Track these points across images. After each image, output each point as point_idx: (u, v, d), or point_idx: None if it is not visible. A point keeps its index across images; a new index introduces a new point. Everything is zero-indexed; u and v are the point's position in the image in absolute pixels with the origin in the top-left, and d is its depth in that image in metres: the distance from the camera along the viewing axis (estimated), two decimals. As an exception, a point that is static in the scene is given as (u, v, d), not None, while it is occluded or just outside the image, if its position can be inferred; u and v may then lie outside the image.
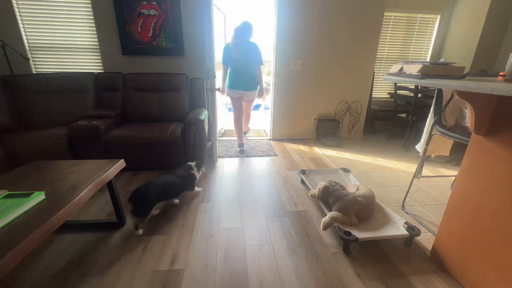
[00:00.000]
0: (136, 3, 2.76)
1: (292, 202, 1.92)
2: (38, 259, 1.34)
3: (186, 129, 2.34)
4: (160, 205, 1.76)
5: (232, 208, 1.83)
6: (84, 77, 2.71)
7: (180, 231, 1.58)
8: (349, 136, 3.66)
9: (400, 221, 1.50)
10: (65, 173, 1.36)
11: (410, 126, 3.12)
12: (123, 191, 2.05)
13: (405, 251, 1.43)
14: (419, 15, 3.57)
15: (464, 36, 3.39)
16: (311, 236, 1.55)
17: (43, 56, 2.92)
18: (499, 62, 3.31)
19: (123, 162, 1.56)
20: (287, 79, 3.26)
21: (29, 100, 2.50)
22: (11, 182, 1.25)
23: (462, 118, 1.72)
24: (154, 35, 2.88)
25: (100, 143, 2.25)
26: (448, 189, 2.14)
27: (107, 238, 1.51)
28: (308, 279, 1.24)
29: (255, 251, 1.42)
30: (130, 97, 2.73)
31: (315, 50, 3.18)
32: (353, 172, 2.44)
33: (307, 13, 3.02)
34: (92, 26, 2.84)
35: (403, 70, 1.34)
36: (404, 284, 1.22)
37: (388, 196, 2.02)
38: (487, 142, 1.11)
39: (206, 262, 1.34)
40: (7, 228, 0.91)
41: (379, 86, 3.89)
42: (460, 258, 1.22)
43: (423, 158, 1.80)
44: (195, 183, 1.93)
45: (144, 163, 2.37)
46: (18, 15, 2.74)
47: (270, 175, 2.38)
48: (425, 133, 2.13)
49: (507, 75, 0.92)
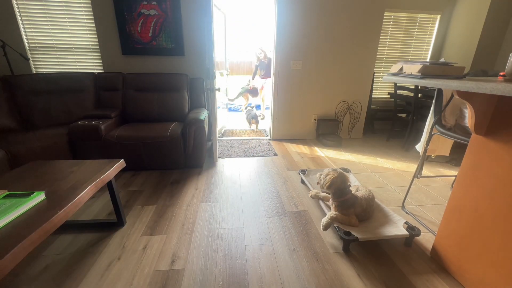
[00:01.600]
0: (136, 3, 2.76)
1: (292, 202, 1.92)
2: (38, 259, 1.34)
3: (186, 129, 2.34)
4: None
5: (232, 208, 1.83)
6: (84, 77, 2.71)
7: (180, 231, 1.58)
8: (349, 136, 3.66)
9: (400, 221, 1.50)
10: (65, 173, 1.36)
11: (410, 126, 3.12)
12: (123, 191, 2.05)
13: (405, 251, 1.43)
14: (419, 15, 3.57)
15: (464, 36, 3.39)
16: (311, 236, 1.55)
17: (43, 56, 2.92)
18: (499, 62, 3.31)
19: (123, 162, 1.56)
20: (287, 79, 3.26)
21: (29, 100, 2.50)
22: (11, 182, 1.25)
23: (462, 118, 1.72)
24: (154, 35, 2.88)
25: (100, 143, 2.25)
26: (448, 189, 2.14)
27: (107, 238, 1.51)
28: (308, 279, 1.24)
29: (255, 251, 1.42)
30: (130, 97, 2.73)
31: (315, 50, 3.18)
32: (353, 172, 2.44)
33: (307, 13, 3.02)
34: (92, 26, 2.84)
35: (403, 70, 1.34)
36: (404, 284, 1.22)
37: (388, 196, 2.01)
38: (487, 142, 1.11)
39: (206, 262, 1.34)
40: (7, 228, 0.91)
41: (379, 86, 3.89)
42: (460, 258, 1.22)
43: (423, 158, 1.80)
44: None
45: (144, 163, 2.37)
46: (18, 15, 2.74)
47: (270, 175, 2.38)
48: (425, 133, 2.13)
49: (507, 75, 0.92)
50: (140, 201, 1.91)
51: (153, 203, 1.88)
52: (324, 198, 1.77)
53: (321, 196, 1.79)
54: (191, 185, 2.17)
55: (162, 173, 2.37)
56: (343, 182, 1.53)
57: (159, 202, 1.90)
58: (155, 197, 1.97)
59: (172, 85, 2.79)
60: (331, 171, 1.58)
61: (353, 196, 1.55)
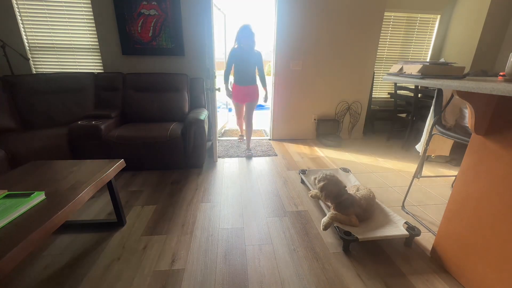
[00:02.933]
0: (136, 3, 2.76)
1: (292, 202, 1.92)
2: (38, 259, 1.34)
3: (186, 129, 2.34)
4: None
5: (232, 208, 1.83)
6: (84, 77, 2.71)
7: (180, 231, 1.58)
8: (349, 136, 3.66)
9: (400, 221, 1.50)
10: (65, 173, 1.36)
11: (410, 126, 3.12)
12: (123, 191, 2.05)
13: (405, 251, 1.43)
14: (419, 15, 3.57)
15: (464, 36, 3.39)
16: (311, 236, 1.55)
17: (43, 56, 2.92)
18: (499, 62, 3.31)
19: (123, 162, 1.56)
20: (287, 79, 3.26)
21: (29, 100, 2.50)
22: (11, 182, 1.25)
23: (462, 118, 1.72)
24: (154, 35, 2.88)
25: (100, 143, 2.25)
26: (448, 189, 2.14)
27: (107, 238, 1.51)
28: (308, 279, 1.24)
29: (255, 251, 1.42)
30: (130, 97, 2.73)
31: (315, 50, 3.18)
32: (353, 172, 2.44)
33: (307, 13, 3.02)
34: (92, 26, 2.84)
35: (403, 70, 1.34)
36: (404, 284, 1.22)
37: (388, 196, 2.01)
38: (487, 142, 1.11)
39: (206, 262, 1.34)
40: (7, 228, 0.91)
41: (379, 86, 3.89)
42: (460, 258, 1.22)
43: (423, 158, 1.80)
44: None
45: (144, 163, 2.37)
46: (18, 15, 2.74)
47: (270, 175, 2.38)
48: (425, 133, 2.13)
49: (507, 75, 0.92)
50: (140, 201, 1.91)
51: (153, 203, 1.89)
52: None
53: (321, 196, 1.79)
54: (191, 185, 2.17)
55: (162, 173, 2.37)
56: (335, 185, 1.56)
57: (159, 202, 1.90)
58: (155, 197, 1.97)
59: (172, 85, 2.79)
60: (322, 177, 1.61)
61: (350, 197, 1.54)
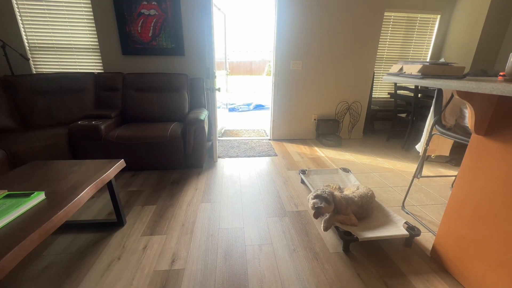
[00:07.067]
0: (136, 3, 2.76)
1: (292, 202, 1.92)
2: (38, 259, 1.34)
3: (186, 129, 2.34)
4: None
5: (232, 208, 1.83)
6: (84, 77, 2.71)
7: (180, 231, 1.58)
8: (349, 136, 3.66)
9: (400, 221, 1.50)
10: (65, 173, 1.36)
11: (410, 126, 3.12)
12: (123, 191, 2.05)
13: (405, 251, 1.43)
14: (419, 15, 3.57)
15: (464, 36, 3.39)
16: (311, 236, 1.55)
17: (43, 56, 2.92)
18: (499, 62, 3.31)
19: (123, 162, 1.56)
20: (287, 79, 3.26)
21: (29, 100, 2.50)
22: (11, 182, 1.25)
23: (462, 118, 1.72)
24: (154, 35, 2.88)
25: (100, 143, 2.25)
26: (448, 189, 2.14)
27: (107, 238, 1.51)
28: (308, 279, 1.24)
29: (255, 251, 1.42)
30: (130, 97, 2.73)
31: (315, 50, 3.18)
32: (353, 172, 2.44)
33: (307, 13, 3.02)
34: (92, 26, 2.85)
35: (403, 70, 1.34)
36: (404, 284, 1.22)
37: (388, 196, 2.02)
38: (487, 142, 1.11)
39: (206, 262, 1.34)
40: (7, 228, 0.91)
41: (379, 86, 3.89)
42: (460, 258, 1.22)
43: (423, 158, 1.80)
44: None
45: (144, 163, 2.37)
46: (18, 15, 2.74)
47: (270, 175, 2.38)
48: (425, 133, 2.13)
49: (507, 75, 0.92)
50: (140, 201, 1.91)
51: (153, 203, 1.89)
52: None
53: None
54: (191, 185, 2.17)
55: (162, 173, 2.37)
56: (325, 201, 1.48)
57: (159, 202, 1.90)
58: (155, 197, 1.97)
59: (172, 85, 2.79)
60: (310, 200, 1.53)
61: (340, 200, 1.51)
